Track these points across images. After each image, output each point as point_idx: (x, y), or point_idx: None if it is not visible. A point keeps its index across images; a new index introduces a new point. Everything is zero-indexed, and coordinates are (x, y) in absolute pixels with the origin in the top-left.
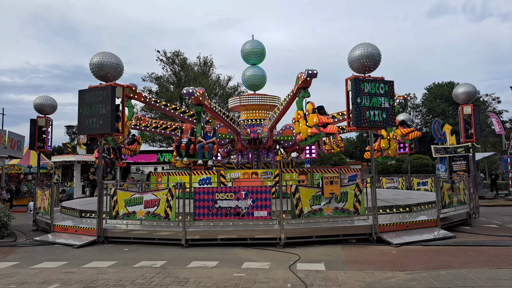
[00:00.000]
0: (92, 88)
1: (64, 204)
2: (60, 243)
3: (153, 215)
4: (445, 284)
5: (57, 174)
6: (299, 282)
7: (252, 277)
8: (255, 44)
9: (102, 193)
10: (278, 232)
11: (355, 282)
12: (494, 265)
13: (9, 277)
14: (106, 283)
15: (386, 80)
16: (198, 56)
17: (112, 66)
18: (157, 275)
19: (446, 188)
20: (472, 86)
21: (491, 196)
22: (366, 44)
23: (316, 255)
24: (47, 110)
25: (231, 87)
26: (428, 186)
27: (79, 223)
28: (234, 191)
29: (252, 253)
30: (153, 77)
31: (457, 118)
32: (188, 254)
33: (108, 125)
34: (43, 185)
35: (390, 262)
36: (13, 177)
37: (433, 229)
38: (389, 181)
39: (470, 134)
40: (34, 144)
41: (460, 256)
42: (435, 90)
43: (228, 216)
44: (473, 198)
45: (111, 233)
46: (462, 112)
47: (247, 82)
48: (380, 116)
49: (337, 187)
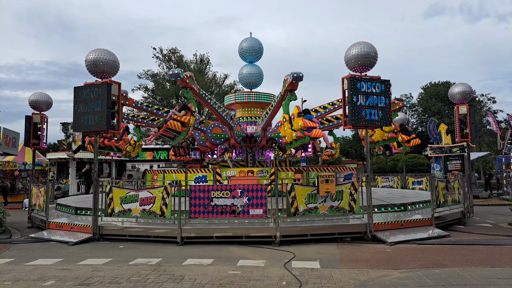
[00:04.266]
0: (87, 85)
1: (60, 201)
2: (56, 240)
3: (149, 213)
4: (439, 283)
5: (53, 171)
6: (294, 280)
7: (247, 275)
8: (252, 42)
9: (98, 191)
10: (273, 230)
11: (349, 280)
12: (488, 263)
13: (4, 274)
14: (102, 280)
15: (382, 79)
16: (195, 54)
17: (108, 63)
18: (153, 273)
19: (440, 187)
20: (468, 86)
21: (486, 195)
22: (363, 43)
23: (311, 253)
24: (42, 106)
25: (228, 85)
26: (423, 185)
27: (74, 220)
28: (230, 189)
29: (247, 251)
30: (149, 74)
31: (453, 117)
32: (184, 251)
33: (103, 122)
34: (38, 182)
35: (384, 261)
36: (8, 174)
37: (428, 228)
38: (384, 180)
39: (465, 134)
40: (29, 141)
41: (454, 255)
42: (431, 89)
43: (224, 214)
44: (468, 198)
45: (106, 231)
46: (457, 111)
47: (243, 80)
48: (376, 115)
49: (333, 185)
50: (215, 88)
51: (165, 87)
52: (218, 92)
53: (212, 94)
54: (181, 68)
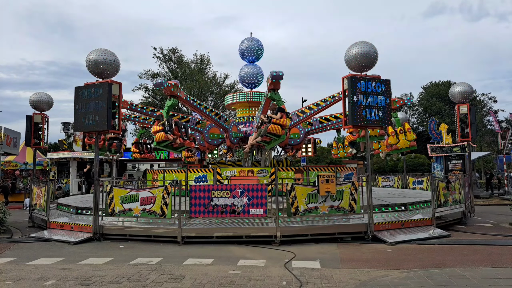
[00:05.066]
0: (88, 85)
1: (60, 201)
2: (56, 240)
3: (149, 213)
4: (440, 283)
5: (53, 171)
6: (294, 280)
7: (248, 275)
8: (253, 42)
9: (98, 190)
10: (273, 230)
11: (349, 280)
12: (489, 264)
13: (5, 273)
14: (102, 280)
15: (382, 79)
16: (195, 54)
17: (109, 63)
18: (153, 272)
19: (441, 187)
20: (469, 85)
21: (487, 195)
22: (363, 42)
23: (312, 253)
24: (43, 106)
25: (228, 84)
26: (424, 185)
27: (75, 220)
28: (230, 189)
29: (247, 250)
30: (149, 74)
31: (454, 117)
32: (184, 251)
33: (104, 122)
34: (39, 182)
35: (385, 261)
36: (9, 173)
37: (428, 228)
38: (385, 180)
39: (466, 134)
40: (30, 140)
41: (455, 255)
42: (432, 89)
43: (224, 214)
44: (469, 197)
45: (107, 230)
46: (458, 111)
47: (244, 79)
48: (377, 115)
49: (333, 185)
50: (215, 88)
51: None
52: (218, 92)
53: (212, 93)
54: (181, 68)
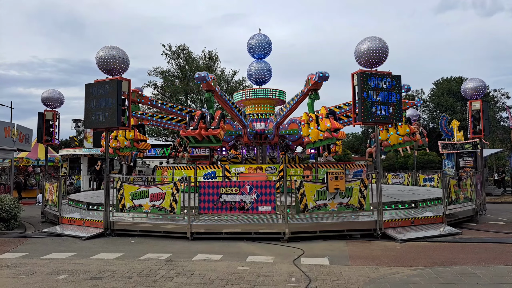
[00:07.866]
0: (98, 82)
1: (72, 196)
2: (68, 235)
3: (159, 209)
4: (450, 280)
5: (65, 167)
6: (303, 276)
7: (257, 271)
8: (261, 38)
9: (109, 186)
10: (282, 227)
11: (359, 277)
12: (500, 262)
13: (19, 267)
14: (113, 275)
15: (393, 74)
16: (203, 50)
17: (118, 60)
18: (163, 267)
19: (452, 184)
20: (482, 81)
21: (499, 193)
22: (373, 37)
23: (320, 250)
24: (55, 103)
25: (236, 81)
26: (434, 182)
27: (86, 215)
28: (238, 185)
29: (256, 247)
30: (158, 71)
31: (465, 113)
32: (193, 247)
33: (114, 118)
34: (51, 178)
35: (394, 258)
36: (22, 169)
37: (439, 225)
38: (394, 177)
39: (478, 130)
40: (42, 137)
41: (466, 253)
42: (443, 85)
43: (233, 210)
44: (480, 195)
45: (117, 226)
46: (470, 107)
47: (252, 76)
48: (387, 111)
49: (342, 182)
50: (224, 85)
51: (174, 84)
52: (227, 88)
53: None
54: (190, 64)
